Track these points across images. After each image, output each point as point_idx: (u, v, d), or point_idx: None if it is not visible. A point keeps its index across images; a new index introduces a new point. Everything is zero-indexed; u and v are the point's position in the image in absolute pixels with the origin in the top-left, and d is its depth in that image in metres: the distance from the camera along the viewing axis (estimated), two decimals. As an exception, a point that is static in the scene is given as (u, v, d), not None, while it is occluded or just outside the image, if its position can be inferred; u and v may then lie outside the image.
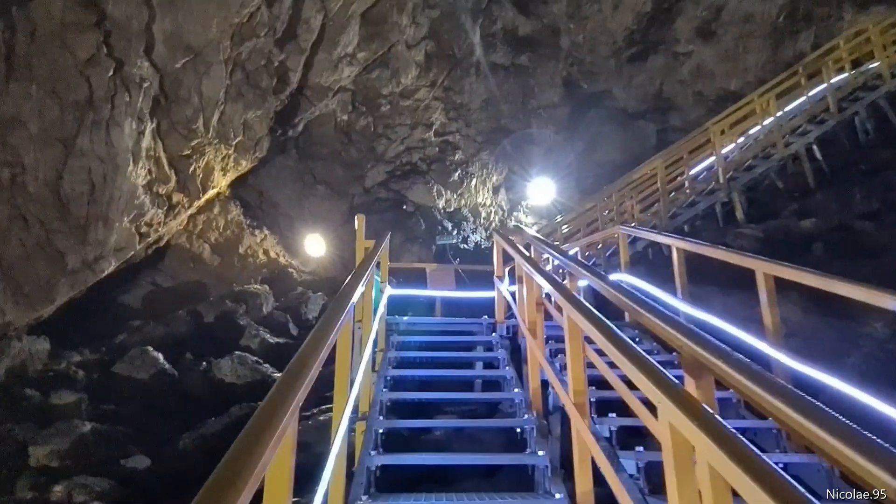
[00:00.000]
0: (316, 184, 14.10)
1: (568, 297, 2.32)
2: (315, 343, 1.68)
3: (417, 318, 6.23)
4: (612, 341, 1.77)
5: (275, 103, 12.03)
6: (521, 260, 3.51)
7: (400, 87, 14.23)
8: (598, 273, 3.13)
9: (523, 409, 3.67)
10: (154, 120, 10.45)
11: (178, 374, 7.15)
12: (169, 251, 12.31)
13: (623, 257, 5.72)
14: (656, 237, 5.37)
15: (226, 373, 6.82)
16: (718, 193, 8.03)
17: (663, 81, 16.84)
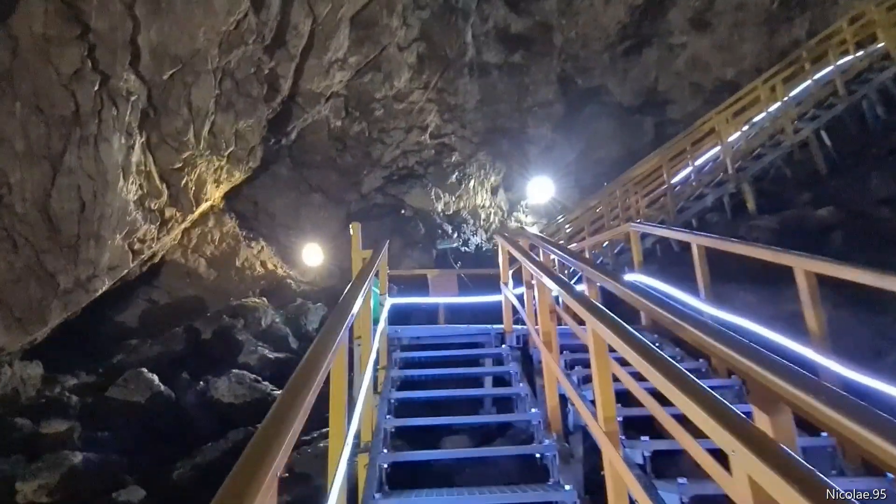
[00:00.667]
0: (311, 192, 13.85)
1: (592, 308, 2.06)
2: (304, 378, 1.44)
3: (421, 331, 5.80)
4: (659, 369, 1.48)
5: (266, 112, 11.79)
6: (531, 265, 3.24)
7: (393, 90, 14.00)
8: (614, 275, 2.89)
9: (541, 431, 3.40)
10: (143, 133, 10.21)
11: (175, 396, 6.87)
12: (164, 267, 12.07)
13: (636, 256, 5.41)
14: (673, 234, 5.08)
15: (223, 393, 6.55)
16: (727, 185, 7.76)
17: (658, 74, 16.67)
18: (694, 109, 16.25)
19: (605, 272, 2.76)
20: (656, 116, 16.30)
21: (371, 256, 3.91)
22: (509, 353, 5.10)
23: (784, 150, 7.77)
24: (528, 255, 3.50)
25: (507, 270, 5.61)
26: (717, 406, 1.26)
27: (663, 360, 1.49)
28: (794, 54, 9.62)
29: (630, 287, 2.48)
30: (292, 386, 1.43)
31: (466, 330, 5.99)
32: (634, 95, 16.56)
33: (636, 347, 1.63)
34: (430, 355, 5.25)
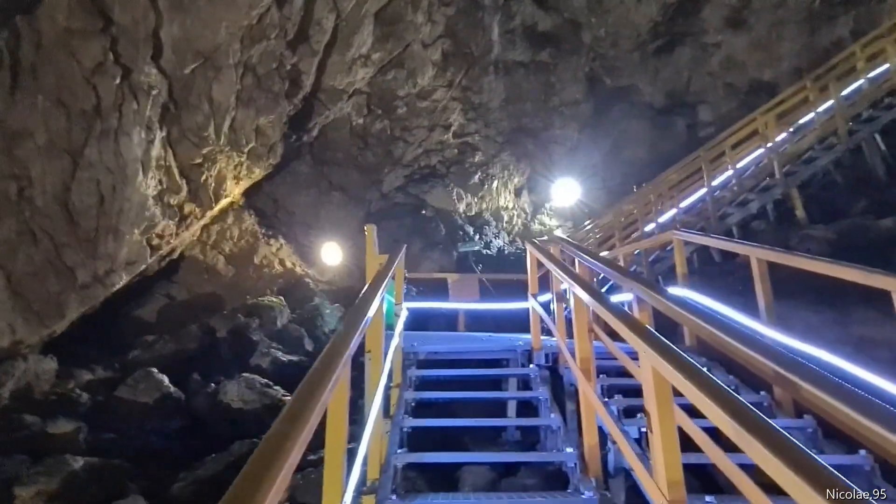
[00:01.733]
0: (332, 190, 13.66)
1: (654, 342, 1.66)
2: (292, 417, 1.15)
3: (439, 345, 5.27)
4: (761, 438, 1.08)
5: (288, 108, 11.62)
6: (566, 278, 2.78)
7: (416, 87, 13.73)
8: (660, 290, 2.54)
9: (577, 475, 2.97)
10: (164, 128, 10.11)
11: (185, 398, 6.70)
12: (183, 263, 11.99)
13: (680, 268, 4.78)
14: (727, 245, 4.39)
15: (232, 397, 6.32)
16: (774, 190, 7.23)
17: (691, 74, 16.10)
18: (728, 111, 15.65)
19: (656, 290, 2.39)
20: (688, 118, 15.73)
21: (386, 262, 3.59)
22: (538, 375, 4.58)
23: (837, 153, 7.18)
24: (561, 266, 3.12)
25: (535, 280, 5.15)
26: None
27: (768, 429, 1.12)
28: (846, 51, 9.02)
29: (683, 306, 2.14)
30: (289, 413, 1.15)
31: (490, 345, 5.43)
32: (665, 96, 16.02)
33: (721, 401, 1.27)
34: (449, 374, 4.75)
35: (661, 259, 7.08)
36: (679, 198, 7.96)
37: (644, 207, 7.91)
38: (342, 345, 1.69)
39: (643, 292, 2.37)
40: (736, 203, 7.48)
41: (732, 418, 1.18)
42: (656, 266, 6.97)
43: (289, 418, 1.18)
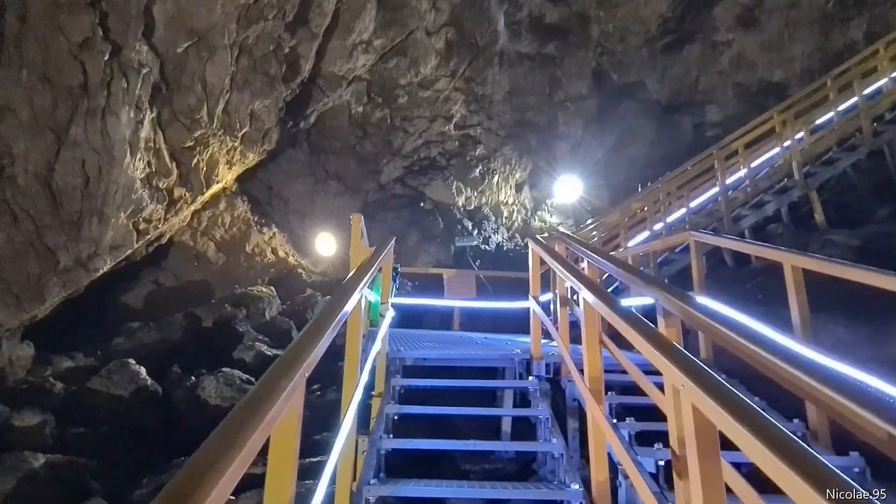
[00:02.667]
0: (328, 179, 13.31)
1: (709, 384, 1.29)
2: (212, 456, 0.84)
3: (428, 351, 4.66)
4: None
5: (284, 93, 11.25)
6: (576, 281, 2.44)
7: (418, 76, 13.36)
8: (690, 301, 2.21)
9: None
10: (154, 109, 9.74)
11: (163, 391, 6.36)
12: (172, 249, 11.65)
13: (697, 273, 4.37)
14: (754, 249, 3.84)
15: (210, 394, 5.99)
16: (792, 192, 6.89)
17: (700, 73, 15.76)
18: (736, 112, 15.34)
19: (685, 300, 2.04)
20: (695, 117, 15.39)
21: (372, 254, 3.21)
22: (537, 388, 4.03)
23: (860, 154, 6.84)
24: (569, 267, 2.84)
25: (537, 281, 4.61)
26: None
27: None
28: (869, 49, 8.67)
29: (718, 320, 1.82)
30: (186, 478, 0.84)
31: (485, 351, 4.89)
32: (673, 94, 15.68)
33: (809, 474, 0.93)
34: (438, 385, 4.21)
35: (671, 261, 6.73)
36: (689, 197, 7.57)
37: (653, 206, 7.52)
38: (293, 361, 1.38)
39: (667, 301, 2.04)
40: (750, 205, 7.11)
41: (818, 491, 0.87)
42: (664, 268, 6.62)
43: (204, 459, 0.87)
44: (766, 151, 7.78)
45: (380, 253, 3.30)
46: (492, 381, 4.58)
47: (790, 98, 8.24)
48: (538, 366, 4.31)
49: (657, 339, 1.56)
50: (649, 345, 1.53)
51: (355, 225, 4.18)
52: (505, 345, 5.59)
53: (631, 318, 1.72)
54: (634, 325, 1.67)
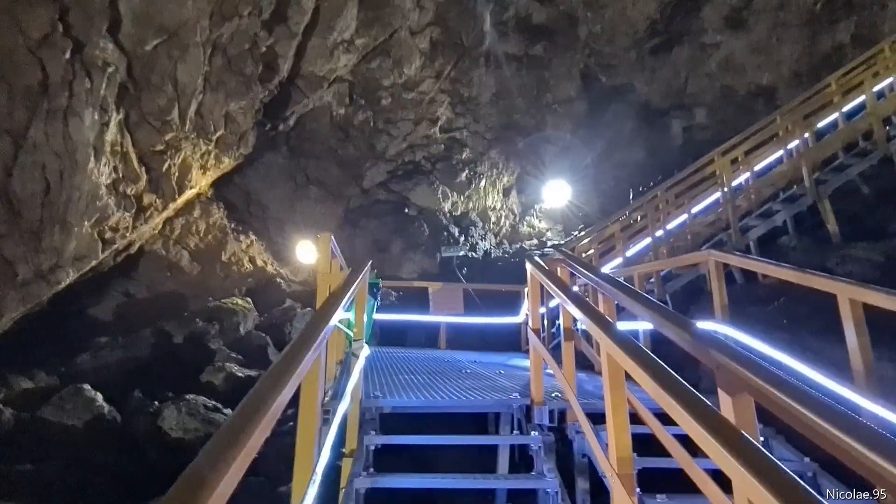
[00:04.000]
0: (309, 184, 12.79)
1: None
2: None
3: (409, 401, 3.84)
4: None
5: (262, 94, 10.73)
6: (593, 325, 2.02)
7: (402, 77, 12.92)
8: (771, 375, 1.79)
9: None
10: (121, 110, 9.18)
11: (122, 420, 5.82)
12: (143, 259, 11.04)
13: (719, 299, 3.77)
14: (802, 277, 2.94)
15: (171, 425, 5.43)
16: (803, 200, 6.53)
17: (689, 75, 15.55)
18: (724, 116, 15.20)
19: (763, 373, 1.60)
20: (685, 120, 15.17)
21: (343, 283, 2.71)
22: (541, 445, 3.30)
23: (873, 160, 6.47)
24: (586, 309, 2.25)
25: (537, 313, 3.93)
26: None
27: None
28: (875, 48, 8.38)
29: (764, 378, 1.41)
30: None
31: (476, 397, 4.01)
32: (662, 96, 15.44)
33: None
34: (421, 442, 3.47)
35: (675, 276, 6.34)
36: (689, 205, 7.15)
37: (654, 213, 7.09)
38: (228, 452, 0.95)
39: (701, 352, 1.61)
40: (757, 214, 6.71)
41: None
42: (668, 284, 6.22)
43: None
44: (769, 156, 7.41)
45: (353, 280, 2.80)
46: (486, 438, 3.94)
47: (796, 99, 7.91)
48: (540, 413, 3.59)
49: (728, 437, 1.14)
50: (718, 445, 1.11)
51: (323, 245, 3.63)
52: (497, 374, 5.08)
53: (689, 398, 1.29)
54: (694, 409, 1.25)
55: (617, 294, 2.32)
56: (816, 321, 3.17)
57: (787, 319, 3.47)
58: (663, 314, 1.95)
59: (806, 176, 6.27)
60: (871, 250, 4.73)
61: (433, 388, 4.38)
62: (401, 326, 8.38)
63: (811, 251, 5.36)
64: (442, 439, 3.53)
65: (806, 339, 3.08)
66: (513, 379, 4.94)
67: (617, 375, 1.85)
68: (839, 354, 3.10)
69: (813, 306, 3.21)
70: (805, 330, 3.15)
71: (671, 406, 1.30)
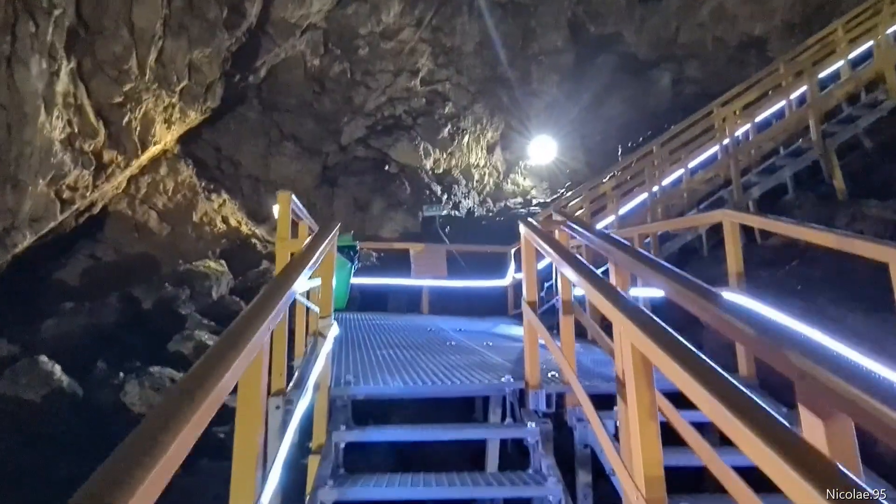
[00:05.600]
0: (283, 140, 12.15)
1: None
2: None
3: (384, 385, 3.34)
4: None
5: (228, 41, 9.97)
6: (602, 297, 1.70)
7: (380, 25, 12.15)
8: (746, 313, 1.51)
9: None
10: (72, 58, 8.42)
11: (84, 393, 5.47)
12: (108, 219, 10.45)
13: (735, 265, 3.30)
14: (845, 242, 2.53)
15: (133, 400, 5.11)
16: (808, 154, 6.22)
17: (680, 25, 14.96)
18: (716, 68, 14.76)
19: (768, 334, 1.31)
20: (674, 72, 14.66)
21: (306, 247, 2.29)
22: (539, 439, 2.91)
23: (884, 110, 6.09)
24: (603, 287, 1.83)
25: (533, 284, 3.38)
26: None
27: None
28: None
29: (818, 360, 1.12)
30: None
31: (463, 379, 3.51)
32: (651, 47, 14.86)
33: None
34: (396, 439, 3.10)
35: (672, 237, 6.04)
36: (686, 160, 6.74)
37: (652, 168, 6.67)
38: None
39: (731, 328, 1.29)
40: (759, 170, 6.34)
41: None
42: (665, 245, 5.91)
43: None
44: (770, 108, 7.00)
45: (318, 245, 2.38)
46: (475, 430, 3.32)
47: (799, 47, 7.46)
48: (536, 397, 3.16)
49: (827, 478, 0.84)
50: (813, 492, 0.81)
51: (283, 207, 3.14)
52: (484, 346, 4.74)
53: (765, 423, 0.96)
54: (775, 439, 0.93)
55: (635, 265, 1.96)
56: (833, 286, 2.89)
57: (801, 285, 3.19)
58: (708, 297, 1.60)
59: (813, 128, 5.92)
60: (883, 208, 4.43)
61: (414, 366, 3.95)
62: (381, 291, 8.05)
63: (818, 209, 5.05)
64: (422, 433, 3.13)
65: (825, 307, 2.81)
66: (502, 352, 4.56)
67: (643, 372, 1.52)
68: (862, 323, 2.82)
69: (827, 269, 2.94)
70: (823, 297, 2.87)
71: (736, 429, 0.99)
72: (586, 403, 2.18)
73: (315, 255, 2.17)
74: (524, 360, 3.35)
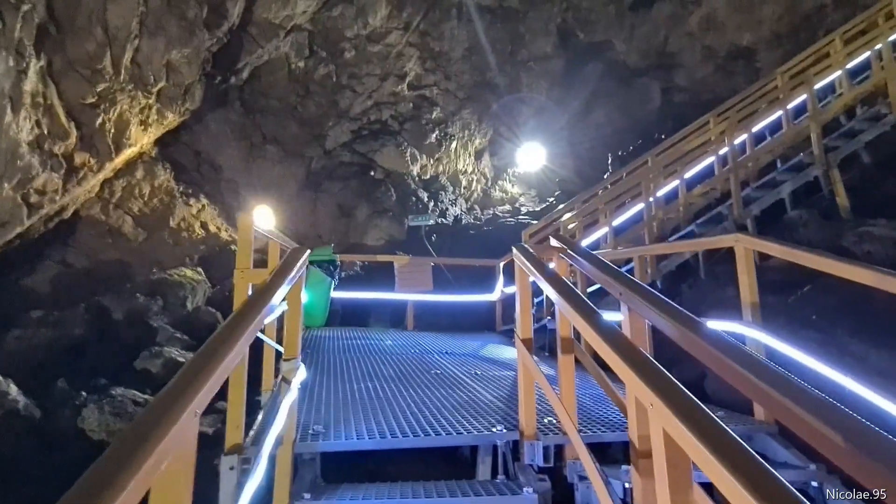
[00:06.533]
0: (266, 144, 11.81)
1: None
2: None
3: (360, 443, 2.87)
4: None
5: (208, 41, 9.63)
6: (665, 406, 1.22)
7: (367, 28, 11.89)
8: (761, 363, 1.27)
9: None
10: (42, 56, 8.04)
11: (41, 416, 5.08)
12: (79, 224, 10.03)
13: (750, 295, 2.96)
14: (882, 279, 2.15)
15: (92, 426, 4.74)
16: (810, 169, 6.03)
17: (669, 33, 14.94)
18: (704, 76, 14.80)
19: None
20: (664, 81, 14.61)
21: (271, 278, 1.96)
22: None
23: (887, 124, 5.90)
24: (620, 347, 1.54)
25: (528, 318, 2.96)
26: None
27: None
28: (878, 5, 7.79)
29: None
30: None
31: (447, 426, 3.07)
32: (641, 56, 14.80)
33: None
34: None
35: (669, 256, 5.80)
36: (682, 173, 6.48)
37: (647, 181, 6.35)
38: None
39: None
40: (758, 185, 6.13)
41: None
42: (661, 264, 5.69)
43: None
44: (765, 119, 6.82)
45: (285, 274, 2.06)
46: (464, 502, 2.48)
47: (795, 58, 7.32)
48: (532, 450, 2.73)
49: None
50: None
51: (243, 232, 2.71)
52: (473, 375, 4.40)
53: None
54: None
55: (659, 318, 1.60)
56: (853, 316, 2.65)
57: (817, 315, 2.95)
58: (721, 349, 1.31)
59: (815, 142, 5.75)
60: (893, 228, 4.22)
61: (394, 405, 3.55)
62: (364, 304, 7.75)
63: (824, 229, 4.84)
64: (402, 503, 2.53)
65: (844, 341, 2.58)
66: (492, 385, 4.19)
67: (680, 471, 1.19)
68: (889, 362, 2.58)
69: (843, 297, 2.71)
70: (840, 328, 2.65)
71: None
72: (588, 464, 1.90)
73: (279, 290, 1.88)
74: (517, 398, 3.01)
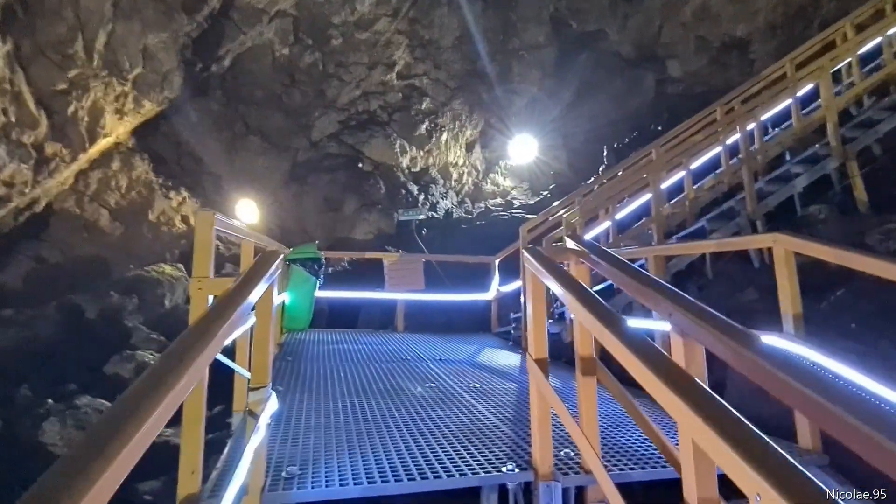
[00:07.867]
0: (249, 134, 11.39)
1: None
2: None
3: (339, 494, 2.27)
4: None
5: (188, 26, 9.20)
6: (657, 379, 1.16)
7: (355, 15, 11.49)
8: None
9: None
10: (8, 40, 7.58)
11: (2, 426, 4.72)
12: (53, 218, 9.57)
13: (789, 304, 2.63)
14: None
15: (54, 440, 4.39)
16: (827, 162, 5.74)
17: (663, 23, 14.69)
18: (697, 68, 14.62)
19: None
20: (657, 72, 14.37)
21: (233, 289, 1.64)
22: None
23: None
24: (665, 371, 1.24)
25: (543, 336, 2.50)
26: None
27: None
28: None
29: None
30: None
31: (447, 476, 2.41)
32: (634, 46, 14.54)
33: None
34: None
35: (677, 255, 5.53)
36: (687, 164, 6.18)
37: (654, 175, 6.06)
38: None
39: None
40: (770, 178, 5.85)
41: None
42: (670, 263, 5.42)
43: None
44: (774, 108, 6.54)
45: (252, 284, 1.70)
46: None
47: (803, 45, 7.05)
48: (549, 493, 2.29)
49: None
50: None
51: (202, 230, 2.22)
52: (471, 389, 4.00)
53: None
54: None
55: (717, 343, 1.31)
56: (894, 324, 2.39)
57: (857, 321, 2.66)
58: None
59: (831, 132, 5.48)
60: (918, 222, 3.97)
61: (383, 432, 3.04)
62: (352, 304, 7.43)
63: (844, 224, 4.58)
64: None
65: (891, 354, 2.32)
66: (495, 401, 3.72)
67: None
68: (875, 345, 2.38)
69: (885, 301, 2.44)
70: (885, 340, 2.39)
71: None
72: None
73: (243, 304, 1.54)
74: (525, 421, 2.60)
